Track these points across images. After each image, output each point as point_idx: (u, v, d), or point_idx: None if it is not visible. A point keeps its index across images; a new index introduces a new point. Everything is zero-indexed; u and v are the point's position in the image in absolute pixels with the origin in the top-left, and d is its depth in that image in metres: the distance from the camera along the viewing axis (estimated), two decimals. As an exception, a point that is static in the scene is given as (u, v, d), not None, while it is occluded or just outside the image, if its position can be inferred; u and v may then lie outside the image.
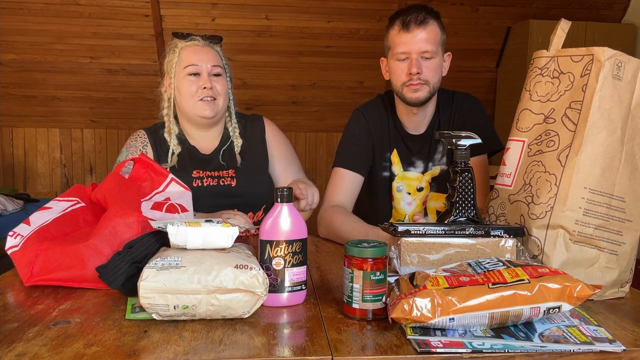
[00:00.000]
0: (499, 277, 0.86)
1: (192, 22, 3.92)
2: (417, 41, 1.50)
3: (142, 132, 1.71)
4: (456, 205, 1.19)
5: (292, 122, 4.37)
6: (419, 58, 1.51)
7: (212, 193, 1.64)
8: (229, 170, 1.68)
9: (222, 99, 1.65)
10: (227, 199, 1.64)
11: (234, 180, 1.67)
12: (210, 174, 1.67)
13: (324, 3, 3.90)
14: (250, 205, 1.67)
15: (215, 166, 1.68)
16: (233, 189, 1.66)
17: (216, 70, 1.63)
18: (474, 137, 1.21)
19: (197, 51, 1.63)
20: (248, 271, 0.89)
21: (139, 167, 1.32)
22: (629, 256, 1.06)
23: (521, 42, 3.99)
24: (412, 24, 1.50)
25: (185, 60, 1.62)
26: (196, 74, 1.61)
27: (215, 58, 1.65)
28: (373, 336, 0.85)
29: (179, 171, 1.64)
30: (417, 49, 1.50)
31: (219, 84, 1.63)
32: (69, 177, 4.45)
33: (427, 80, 1.52)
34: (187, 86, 1.61)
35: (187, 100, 1.62)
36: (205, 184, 1.65)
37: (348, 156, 1.64)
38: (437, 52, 1.53)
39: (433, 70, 1.53)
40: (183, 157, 1.68)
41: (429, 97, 1.55)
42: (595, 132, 1.02)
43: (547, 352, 0.79)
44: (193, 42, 1.65)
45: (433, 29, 1.52)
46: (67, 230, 1.15)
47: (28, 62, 4.00)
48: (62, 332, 0.84)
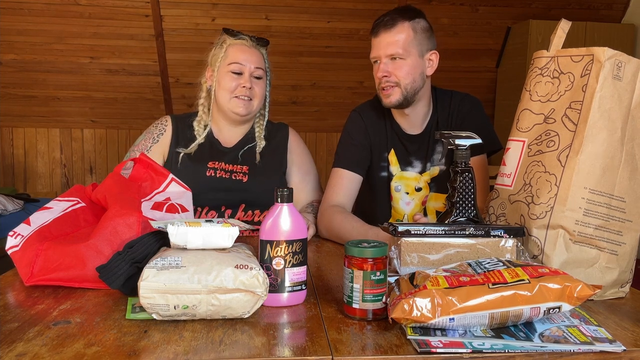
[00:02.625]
0: (499, 277, 0.86)
1: (192, 22, 3.92)
2: (384, 45, 1.53)
3: (167, 117, 1.76)
4: (456, 206, 1.19)
5: (292, 122, 4.32)
6: (387, 61, 1.54)
7: (223, 186, 1.67)
8: (243, 167, 1.71)
9: (258, 100, 1.69)
10: (237, 192, 1.67)
11: (246, 176, 1.69)
12: (225, 167, 1.70)
13: (324, 3, 3.90)
14: (258, 204, 1.68)
15: (231, 159, 1.71)
16: (244, 184, 1.68)
17: (258, 73, 1.68)
18: (474, 137, 1.21)
19: (244, 51, 1.67)
20: (248, 271, 0.89)
21: (140, 167, 1.32)
22: (629, 256, 1.06)
23: (521, 42, 3.99)
24: (380, 28, 1.54)
25: (230, 57, 1.66)
26: (239, 72, 1.66)
27: (260, 60, 1.69)
28: (373, 336, 0.85)
29: (195, 161, 1.68)
30: (384, 52, 1.53)
31: (258, 86, 1.68)
32: (69, 177, 4.45)
33: (397, 82, 1.53)
34: (228, 82, 1.65)
35: (225, 95, 1.66)
36: (217, 175, 1.68)
37: (346, 157, 1.65)
38: (408, 54, 1.53)
39: (404, 72, 1.53)
40: (203, 147, 1.72)
41: (403, 98, 1.55)
42: (595, 132, 1.02)
43: (547, 352, 0.79)
44: (241, 41, 1.69)
45: (402, 30, 1.52)
46: (67, 230, 1.15)
47: (28, 62, 4.00)
48: (63, 332, 0.84)
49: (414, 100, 1.58)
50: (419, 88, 1.57)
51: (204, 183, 1.63)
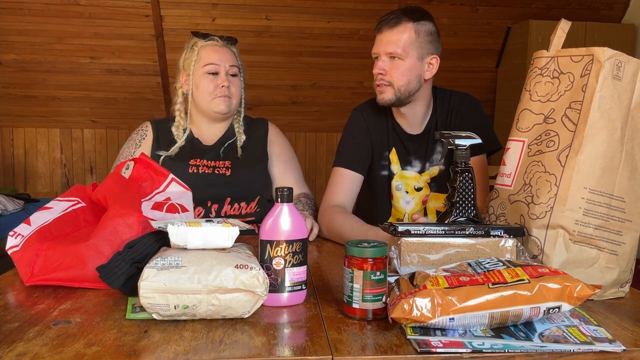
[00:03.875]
0: (499, 277, 0.86)
1: (192, 22, 3.92)
2: (385, 42, 1.53)
3: (147, 123, 1.79)
4: (456, 205, 1.19)
5: (292, 122, 4.37)
6: (386, 59, 1.53)
7: (206, 181, 1.69)
8: (225, 162, 1.73)
9: (236, 98, 1.73)
10: (221, 187, 1.69)
11: (229, 170, 1.72)
12: (207, 163, 1.72)
13: (324, 3, 3.90)
14: (244, 196, 1.70)
15: (213, 156, 1.74)
16: (227, 177, 1.71)
17: (233, 70, 1.71)
18: (474, 137, 1.21)
19: (217, 51, 1.70)
20: (248, 271, 0.89)
21: (140, 167, 1.32)
22: (628, 256, 1.06)
23: (521, 42, 3.99)
24: (384, 25, 1.54)
25: (205, 59, 1.69)
26: (215, 72, 1.68)
27: (232, 58, 1.73)
28: (373, 336, 0.85)
29: (176, 160, 1.70)
30: (383, 50, 1.53)
31: (234, 84, 1.72)
32: (69, 177, 4.45)
33: (390, 82, 1.53)
34: (206, 84, 1.68)
35: (205, 97, 1.69)
36: (200, 172, 1.70)
37: (347, 156, 1.65)
38: (407, 55, 1.52)
39: (399, 72, 1.52)
40: (184, 147, 1.75)
41: (396, 99, 1.55)
42: (595, 132, 1.02)
43: (547, 352, 0.79)
44: (212, 42, 1.72)
45: (404, 30, 1.51)
46: (67, 230, 1.15)
47: (28, 62, 4.00)
48: (63, 332, 0.84)
49: (409, 101, 1.58)
50: (414, 90, 1.56)
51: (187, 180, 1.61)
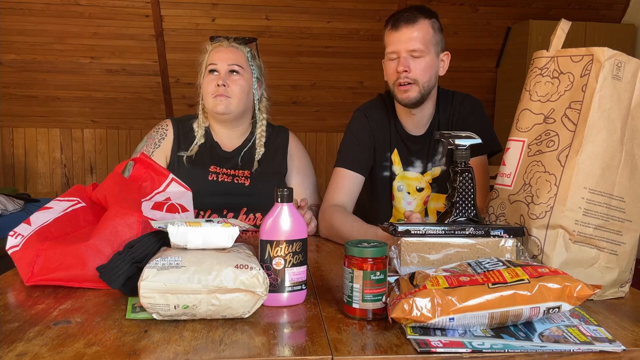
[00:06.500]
0: (498, 277, 0.86)
1: (192, 22, 3.92)
2: (405, 40, 1.51)
3: (168, 121, 1.78)
4: (456, 205, 1.19)
5: (292, 122, 4.37)
6: (407, 57, 1.52)
7: (225, 189, 1.67)
8: (244, 171, 1.72)
9: (237, 99, 1.68)
10: (239, 196, 1.68)
11: (247, 180, 1.70)
12: (227, 172, 1.71)
13: (324, 3, 3.90)
14: (260, 207, 1.68)
15: (233, 165, 1.73)
16: (246, 187, 1.69)
17: (232, 69, 1.68)
18: (474, 137, 1.21)
19: (219, 51, 1.71)
20: (248, 271, 0.89)
21: (140, 167, 1.32)
22: (628, 256, 1.06)
23: (521, 42, 3.99)
24: (402, 22, 1.51)
25: (209, 60, 1.71)
26: (215, 72, 1.68)
27: (236, 58, 1.69)
28: (373, 336, 0.85)
29: (197, 164, 1.69)
30: (405, 47, 1.51)
31: (234, 83, 1.67)
32: (69, 177, 4.45)
33: (415, 79, 1.52)
34: (207, 84, 1.69)
35: (206, 98, 1.69)
36: (219, 180, 1.69)
37: (349, 156, 1.64)
38: (428, 51, 1.52)
39: (422, 69, 1.52)
40: (204, 150, 1.73)
41: (420, 97, 1.54)
42: (595, 132, 1.02)
43: (547, 352, 0.79)
44: (218, 43, 1.73)
45: (423, 27, 1.51)
46: (67, 230, 1.15)
47: (28, 62, 4.01)
48: (63, 332, 0.84)
49: (426, 99, 1.58)
50: (432, 87, 1.57)
51: (206, 187, 1.64)
